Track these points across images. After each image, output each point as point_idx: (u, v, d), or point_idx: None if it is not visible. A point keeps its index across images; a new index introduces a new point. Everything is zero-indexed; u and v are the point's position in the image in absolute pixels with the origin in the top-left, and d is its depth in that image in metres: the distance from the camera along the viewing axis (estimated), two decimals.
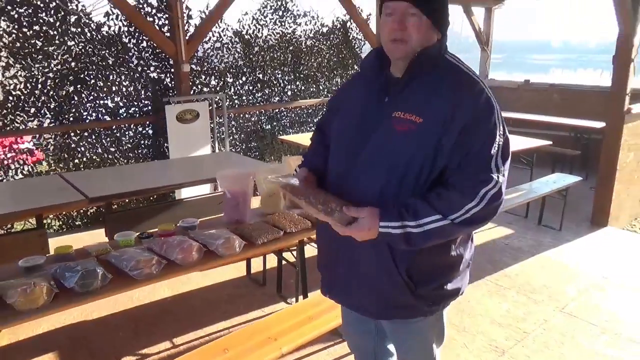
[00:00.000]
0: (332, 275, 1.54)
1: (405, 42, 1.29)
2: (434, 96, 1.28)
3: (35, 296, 1.69)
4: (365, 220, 1.25)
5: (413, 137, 1.27)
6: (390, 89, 1.37)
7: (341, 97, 1.57)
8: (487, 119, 1.27)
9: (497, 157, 1.27)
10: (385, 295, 1.40)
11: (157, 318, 3.13)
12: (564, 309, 3.25)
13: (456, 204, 1.24)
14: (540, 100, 7.37)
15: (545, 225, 4.70)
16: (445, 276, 1.41)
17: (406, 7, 1.26)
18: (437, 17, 1.31)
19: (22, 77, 4.22)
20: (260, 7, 5.63)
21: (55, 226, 4.76)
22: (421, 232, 1.24)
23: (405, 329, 1.52)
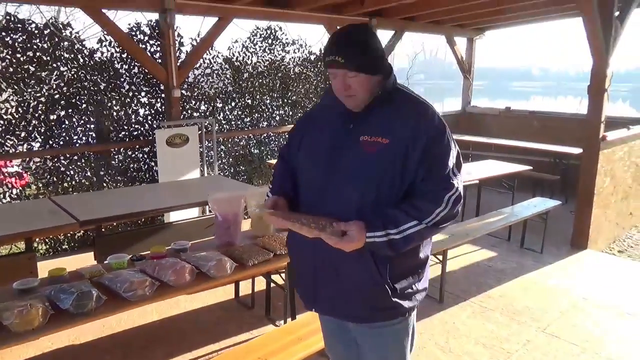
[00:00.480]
0: (315, 290, 1.63)
1: (353, 96, 1.49)
2: (395, 120, 1.48)
3: (31, 317, 1.73)
4: (354, 232, 1.41)
5: (382, 156, 1.45)
6: (353, 118, 1.53)
7: (304, 127, 1.70)
8: (443, 136, 1.48)
9: (454, 167, 1.49)
10: (371, 300, 1.53)
11: (146, 342, 3.14)
12: (546, 329, 3.33)
13: (428, 210, 1.44)
14: (520, 126, 7.60)
15: (527, 248, 4.82)
16: (416, 276, 1.59)
17: (345, 72, 1.45)
18: (372, 69, 1.47)
19: (14, 101, 4.27)
20: (250, 35, 5.79)
21: (42, 250, 4.74)
22: (402, 238, 1.43)
23: (382, 333, 1.62)
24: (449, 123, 1.39)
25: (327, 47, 1.48)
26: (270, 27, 5.90)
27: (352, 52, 1.44)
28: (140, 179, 5.14)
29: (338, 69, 1.45)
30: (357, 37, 1.46)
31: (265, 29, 5.87)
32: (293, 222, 1.45)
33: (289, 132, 1.79)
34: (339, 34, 1.49)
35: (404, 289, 1.54)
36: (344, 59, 1.43)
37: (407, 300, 1.56)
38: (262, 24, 5.83)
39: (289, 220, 1.47)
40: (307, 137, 1.64)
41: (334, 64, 1.45)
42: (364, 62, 1.45)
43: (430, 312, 3.53)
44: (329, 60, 1.46)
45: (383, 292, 1.51)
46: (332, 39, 1.48)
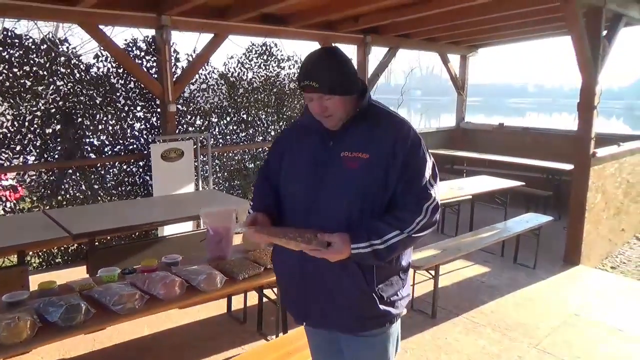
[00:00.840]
0: (306, 304, 1.66)
1: (330, 116, 1.55)
2: (373, 136, 1.55)
3: (19, 330, 1.73)
4: (339, 244, 1.46)
5: (364, 171, 1.51)
6: (332, 136, 1.59)
7: (285, 146, 1.73)
8: (418, 150, 1.55)
9: (430, 177, 1.56)
10: (361, 309, 1.58)
11: (137, 357, 3.12)
12: (538, 345, 3.33)
13: (409, 220, 1.50)
14: (514, 142, 7.68)
15: (520, 263, 4.83)
16: (400, 282, 1.64)
17: (320, 96, 1.51)
18: (346, 90, 1.53)
19: (10, 115, 4.30)
20: (246, 51, 5.87)
21: (35, 263, 4.73)
22: (386, 247, 1.48)
23: (370, 342, 1.65)
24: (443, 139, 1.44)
25: (301, 72, 1.53)
26: (266, 43, 5.98)
27: (325, 76, 1.49)
28: (135, 193, 5.15)
29: (313, 93, 1.51)
30: (329, 60, 1.51)
31: (261, 45, 5.95)
32: (279, 237, 1.48)
33: (268, 152, 1.83)
34: (310, 58, 1.52)
35: (390, 297, 1.59)
36: (318, 83, 1.48)
37: (393, 307, 1.61)
38: (258, 40, 5.91)
39: (274, 236, 1.50)
40: (287, 156, 1.68)
41: (309, 89, 1.51)
42: (338, 84, 1.50)
43: (422, 328, 3.53)
44: (304, 85, 1.51)
45: (371, 300, 1.55)
46: (305, 64, 1.52)
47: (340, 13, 5.31)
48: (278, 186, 1.69)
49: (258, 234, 1.52)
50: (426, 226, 1.53)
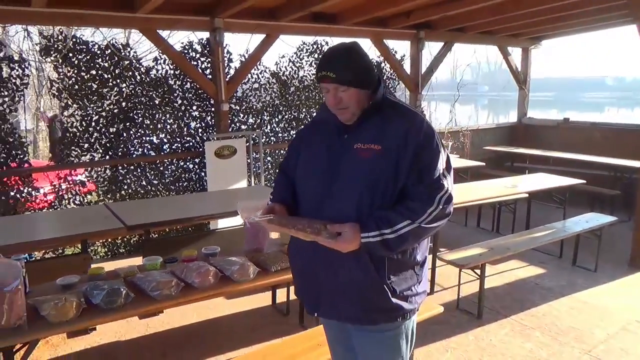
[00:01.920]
0: (315, 296, 1.69)
1: (345, 109, 1.59)
2: (386, 129, 1.57)
3: (66, 310, 1.90)
4: (348, 233, 1.48)
5: (376, 161, 1.54)
6: (347, 129, 1.63)
7: (301, 141, 1.80)
8: (432, 141, 1.56)
9: (444, 170, 1.56)
10: (371, 300, 1.58)
11: (184, 342, 3.30)
12: (591, 351, 3.15)
13: (420, 210, 1.51)
14: (580, 138, 7.24)
15: (580, 266, 4.57)
16: (415, 278, 1.64)
17: (336, 87, 1.55)
18: (361, 83, 1.56)
19: (79, 115, 4.67)
20: (297, 50, 5.96)
21: (102, 253, 5.11)
22: (396, 237, 1.49)
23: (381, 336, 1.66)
24: (503, 136, 1.41)
25: (319, 64, 1.59)
26: (317, 42, 6.04)
27: (342, 68, 1.53)
28: (191, 189, 5.41)
29: (330, 84, 1.55)
30: (347, 54, 1.56)
31: (312, 43, 6.02)
32: (289, 228, 1.53)
33: (288, 147, 1.89)
34: (329, 51, 1.60)
35: (403, 291, 1.60)
36: (335, 74, 1.53)
37: (407, 302, 1.61)
38: (309, 39, 5.99)
39: (285, 226, 1.55)
40: (304, 150, 1.74)
41: (326, 79, 1.55)
42: (354, 77, 1.55)
43: (466, 328, 3.45)
44: (321, 76, 1.56)
45: (383, 292, 1.56)
46: (324, 56, 1.59)
47: (391, 9, 5.27)
48: (295, 180, 1.74)
49: (271, 224, 1.58)
50: (438, 217, 1.53)
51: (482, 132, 7.93)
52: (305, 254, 1.66)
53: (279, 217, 1.59)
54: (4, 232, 3.13)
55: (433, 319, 2.85)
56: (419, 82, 6.80)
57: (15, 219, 3.92)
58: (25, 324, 1.82)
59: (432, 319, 2.81)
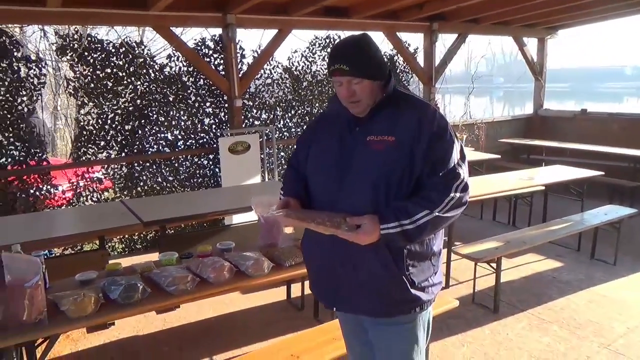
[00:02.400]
0: (333, 290, 1.69)
1: (358, 102, 1.58)
2: (399, 121, 1.57)
3: (84, 305, 1.94)
4: (368, 225, 1.47)
5: (389, 153, 1.53)
6: (359, 122, 1.62)
7: (310, 137, 1.78)
8: (445, 131, 1.56)
9: (459, 158, 1.56)
10: (391, 293, 1.59)
11: (200, 336, 3.34)
12: (610, 346, 3.11)
13: (437, 199, 1.50)
14: (598, 129, 7.12)
15: (598, 259, 4.51)
16: (431, 268, 1.65)
17: (349, 79, 1.54)
18: (374, 75, 1.56)
19: (94, 113, 4.74)
20: (309, 44, 5.95)
21: (119, 249, 5.18)
22: (415, 228, 1.48)
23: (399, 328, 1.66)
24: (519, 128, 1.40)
25: (331, 57, 1.58)
26: (329, 36, 6.02)
27: (355, 60, 1.53)
28: (206, 184, 5.45)
29: (343, 76, 1.54)
30: (358, 46, 1.55)
31: (324, 38, 6.00)
32: (309, 222, 1.52)
33: (297, 143, 1.89)
34: (342, 43, 1.59)
35: (421, 282, 1.61)
36: (348, 66, 1.52)
37: (424, 293, 1.62)
38: (321, 33, 5.98)
39: (303, 220, 1.54)
40: (315, 145, 1.73)
41: (338, 72, 1.54)
42: (367, 68, 1.54)
43: (482, 322, 3.43)
44: (334, 69, 1.55)
45: (402, 284, 1.57)
46: (335, 49, 1.58)
47: (403, 1, 5.22)
48: (306, 175, 1.74)
49: (288, 218, 1.57)
50: (455, 205, 1.53)
51: (498, 124, 7.84)
52: (322, 249, 1.66)
53: (297, 211, 1.58)
54: (24, 229, 3.20)
55: (448, 313, 2.83)
56: (432, 75, 6.74)
57: (35, 216, 4.00)
58: (45, 319, 1.86)
59: (447, 313, 2.80)
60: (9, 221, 3.58)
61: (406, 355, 1.70)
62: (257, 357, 2.24)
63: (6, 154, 4.31)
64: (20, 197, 4.40)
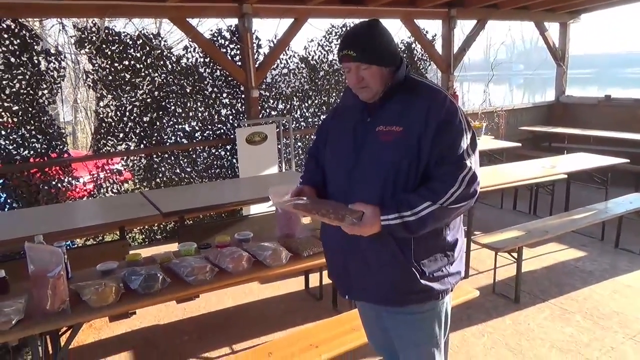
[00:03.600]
0: (345, 279, 1.70)
1: (367, 88, 1.56)
2: (409, 109, 1.54)
3: (106, 295, 1.96)
4: (369, 217, 1.47)
5: (397, 144, 1.52)
6: (371, 111, 1.62)
7: (328, 126, 1.80)
8: (454, 119, 1.52)
9: (468, 148, 1.52)
10: (401, 283, 1.58)
11: (220, 325, 3.37)
12: (635, 337, 3.04)
13: (442, 191, 1.48)
14: (622, 116, 6.93)
15: (623, 248, 4.41)
16: (445, 259, 1.62)
17: (358, 65, 1.53)
18: (383, 61, 1.54)
19: (113, 106, 4.78)
20: (326, 33, 5.89)
21: (139, 239, 5.25)
22: (417, 219, 1.47)
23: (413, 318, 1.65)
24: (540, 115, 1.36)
25: (340, 43, 1.57)
26: (346, 24, 5.94)
27: (363, 46, 1.51)
28: (224, 175, 5.47)
29: (351, 62, 1.53)
30: (368, 32, 1.54)
31: (341, 26, 5.93)
32: (314, 212, 1.53)
33: (316, 132, 1.89)
34: (350, 30, 1.57)
35: (433, 272, 1.58)
36: (356, 52, 1.51)
37: (438, 283, 1.60)
38: (337, 22, 5.91)
39: (309, 211, 1.54)
40: (331, 135, 1.74)
41: (347, 58, 1.53)
42: (375, 54, 1.52)
43: (502, 312, 3.39)
44: (343, 55, 1.54)
45: (411, 274, 1.56)
46: (344, 36, 1.57)
47: None
48: (324, 164, 1.74)
49: (297, 208, 1.57)
50: (461, 198, 1.49)
51: (518, 111, 7.68)
52: (335, 239, 1.67)
53: (305, 201, 1.58)
54: (46, 220, 3.26)
55: (468, 303, 2.80)
56: (451, 63, 6.63)
57: (57, 207, 4.07)
58: (68, 308, 1.89)
59: (467, 303, 2.76)
60: (32, 212, 3.65)
61: (421, 344, 1.70)
62: (276, 346, 2.25)
63: (28, 146, 4.39)
64: (43, 188, 4.48)
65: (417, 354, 1.73)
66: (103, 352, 3.08)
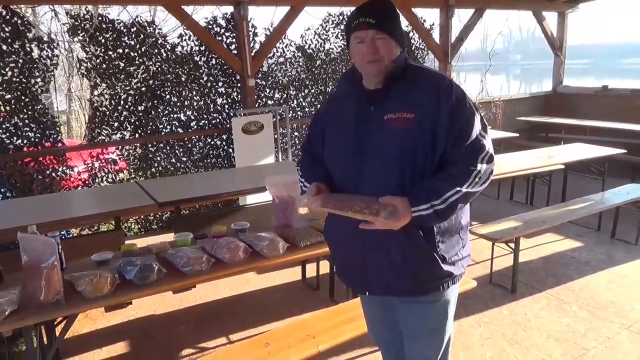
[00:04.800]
0: (364, 274, 1.63)
1: (379, 62, 1.50)
2: (415, 94, 1.51)
3: (101, 285, 1.94)
4: (400, 209, 1.44)
5: (411, 130, 1.48)
6: (372, 100, 1.55)
7: (325, 119, 1.71)
8: (465, 102, 1.50)
9: (481, 128, 1.51)
10: (424, 271, 1.56)
11: (216, 315, 3.36)
12: (631, 327, 3.05)
13: (465, 174, 1.47)
14: (619, 106, 6.92)
15: (619, 239, 4.41)
16: (460, 242, 1.63)
17: (374, 33, 1.48)
18: (398, 36, 1.52)
19: (107, 94, 4.72)
20: (322, 22, 5.83)
21: (135, 229, 5.22)
22: (447, 206, 1.45)
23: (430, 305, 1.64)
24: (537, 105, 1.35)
25: (355, 12, 1.51)
26: (342, 12, 5.89)
27: (382, 14, 1.48)
28: (220, 165, 5.44)
29: (368, 30, 1.47)
30: (386, 3, 1.51)
31: (337, 14, 5.88)
32: (346, 210, 1.47)
33: (309, 127, 1.83)
34: (367, 1, 1.52)
35: (451, 257, 1.59)
36: (375, 19, 1.46)
37: (455, 267, 1.60)
38: (334, 10, 5.86)
39: (341, 209, 1.48)
40: (328, 130, 1.67)
41: (364, 25, 1.47)
42: (393, 26, 1.50)
43: (499, 302, 3.39)
44: (359, 23, 1.48)
45: (434, 261, 1.54)
46: (361, 5, 1.51)
47: None
48: (323, 161, 1.68)
49: (325, 207, 1.52)
50: (483, 178, 1.50)
51: (515, 102, 7.66)
52: (345, 237, 1.62)
53: (332, 199, 1.52)
54: (41, 210, 3.22)
55: (465, 293, 2.79)
56: (448, 52, 6.58)
57: (51, 197, 4.03)
58: (62, 299, 1.87)
59: (464, 293, 2.75)
60: (26, 202, 3.62)
61: (435, 329, 1.69)
62: (273, 336, 2.24)
63: (22, 135, 4.33)
64: (37, 178, 4.44)
65: (431, 340, 1.70)
66: (99, 342, 3.07)
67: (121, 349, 3.01)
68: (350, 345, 2.65)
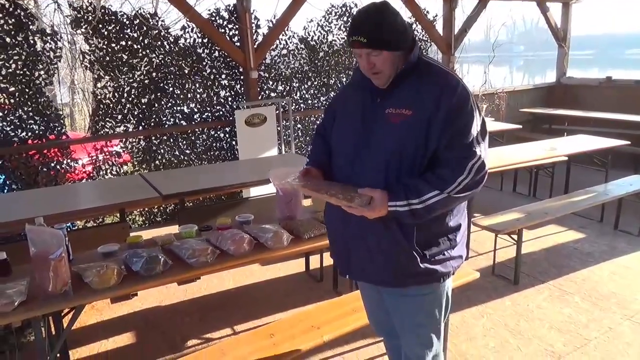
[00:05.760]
0: (347, 259, 1.70)
1: (380, 74, 1.53)
2: (420, 92, 1.51)
3: (107, 277, 1.96)
4: (377, 201, 1.46)
5: (406, 126, 1.49)
6: (381, 92, 1.58)
7: (337, 105, 1.77)
8: (466, 104, 1.49)
9: (478, 135, 1.49)
10: (400, 265, 1.58)
11: (221, 307, 3.39)
12: (633, 317, 3.07)
13: (450, 179, 1.46)
14: (623, 98, 6.89)
15: (622, 230, 4.42)
16: (448, 242, 1.61)
17: (368, 52, 1.49)
18: (394, 45, 1.49)
19: (111, 87, 4.73)
20: (325, 13, 5.81)
21: (140, 222, 5.25)
22: (424, 207, 1.46)
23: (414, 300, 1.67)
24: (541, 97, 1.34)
25: (349, 28, 1.52)
26: (345, 4, 5.86)
27: (373, 32, 1.46)
28: (223, 157, 5.45)
29: (361, 49, 1.49)
30: (377, 15, 1.48)
31: (340, 6, 5.85)
32: (322, 193, 1.53)
33: (324, 111, 1.87)
34: (359, 13, 1.51)
35: (434, 255, 1.58)
36: (366, 38, 1.46)
37: (440, 265, 1.60)
38: (337, 1, 5.82)
39: (318, 191, 1.55)
40: (339, 114, 1.72)
41: (357, 44, 1.49)
42: (386, 40, 1.48)
43: (502, 293, 3.41)
44: (353, 41, 1.49)
45: (411, 258, 1.56)
46: (354, 19, 1.51)
47: None
48: (331, 143, 1.73)
49: (305, 187, 1.58)
50: (469, 186, 1.47)
51: (518, 93, 7.64)
52: (336, 220, 1.68)
53: (313, 182, 1.58)
54: (46, 203, 3.25)
55: (468, 284, 2.81)
56: (451, 44, 6.56)
57: (56, 189, 4.06)
58: (70, 290, 1.89)
59: (467, 284, 2.77)
60: (32, 194, 3.64)
61: (421, 326, 1.72)
62: (278, 327, 2.26)
63: (26, 128, 4.35)
64: (42, 170, 4.46)
65: (417, 336, 1.74)
66: (105, 333, 3.10)
67: (127, 339, 3.04)
68: (354, 336, 2.68)
